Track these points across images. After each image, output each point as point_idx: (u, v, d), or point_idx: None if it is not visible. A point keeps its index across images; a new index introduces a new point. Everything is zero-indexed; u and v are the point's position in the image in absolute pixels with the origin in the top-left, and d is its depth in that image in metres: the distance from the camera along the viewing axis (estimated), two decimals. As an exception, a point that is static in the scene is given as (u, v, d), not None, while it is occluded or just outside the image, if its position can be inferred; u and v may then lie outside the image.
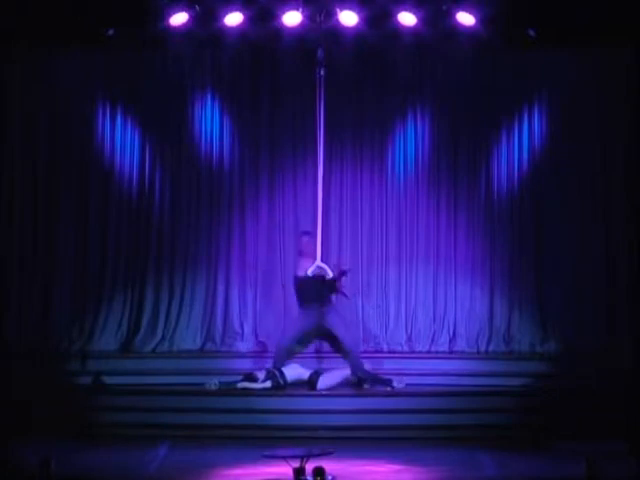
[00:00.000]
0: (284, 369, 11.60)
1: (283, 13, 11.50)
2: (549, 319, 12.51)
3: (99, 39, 11.83)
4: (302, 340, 12.11)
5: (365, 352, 12.36)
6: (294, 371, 11.67)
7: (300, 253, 12.10)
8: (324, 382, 11.53)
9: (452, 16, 11.55)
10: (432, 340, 12.65)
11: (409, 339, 12.67)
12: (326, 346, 12.30)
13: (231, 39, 11.86)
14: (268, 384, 11.48)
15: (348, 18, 11.51)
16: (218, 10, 11.57)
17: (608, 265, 12.41)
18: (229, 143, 12.88)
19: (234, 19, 11.60)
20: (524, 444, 10.43)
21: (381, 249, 12.83)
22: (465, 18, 11.53)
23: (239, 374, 11.70)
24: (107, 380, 11.67)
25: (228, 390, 11.37)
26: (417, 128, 12.87)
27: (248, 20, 11.63)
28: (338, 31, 11.72)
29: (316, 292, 11.73)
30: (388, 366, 12.09)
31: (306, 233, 12.13)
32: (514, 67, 12.60)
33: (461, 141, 12.79)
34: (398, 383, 11.51)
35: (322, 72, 11.80)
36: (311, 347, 12.38)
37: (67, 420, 10.90)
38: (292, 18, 11.51)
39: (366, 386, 11.55)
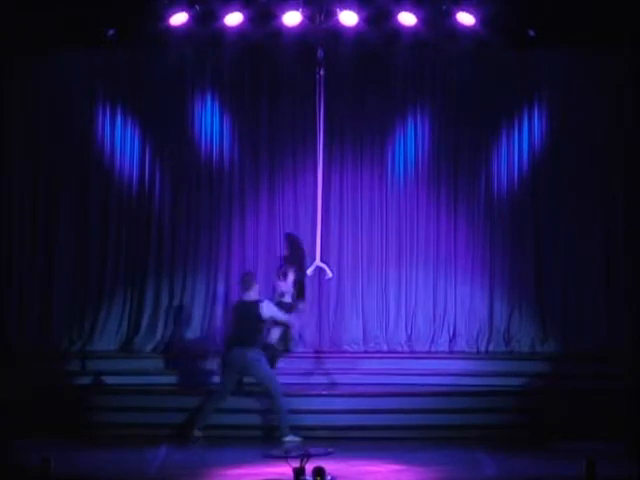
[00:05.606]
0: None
1: (283, 13, 11.52)
2: (549, 319, 12.52)
3: (99, 39, 11.85)
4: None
5: (365, 352, 12.41)
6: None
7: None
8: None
9: (452, 16, 11.56)
10: (432, 340, 12.65)
11: (409, 339, 12.67)
12: (321, 347, 12.39)
13: (231, 39, 11.88)
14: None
15: (348, 18, 11.51)
16: (218, 10, 11.59)
17: (608, 265, 12.42)
18: (229, 143, 12.89)
19: (234, 19, 11.62)
20: (524, 444, 10.44)
21: (381, 249, 12.82)
22: (465, 18, 11.54)
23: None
24: (107, 380, 11.68)
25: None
26: (417, 128, 12.89)
27: (248, 20, 11.65)
28: (338, 31, 11.74)
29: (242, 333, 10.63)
30: (388, 366, 12.09)
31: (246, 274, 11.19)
32: (514, 67, 12.60)
33: (461, 141, 12.79)
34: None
35: (322, 72, 11.80)
36: (311, 348, 12.40)
37: (67, 420, 10.91)
38: (292, 18, 11.52)
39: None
